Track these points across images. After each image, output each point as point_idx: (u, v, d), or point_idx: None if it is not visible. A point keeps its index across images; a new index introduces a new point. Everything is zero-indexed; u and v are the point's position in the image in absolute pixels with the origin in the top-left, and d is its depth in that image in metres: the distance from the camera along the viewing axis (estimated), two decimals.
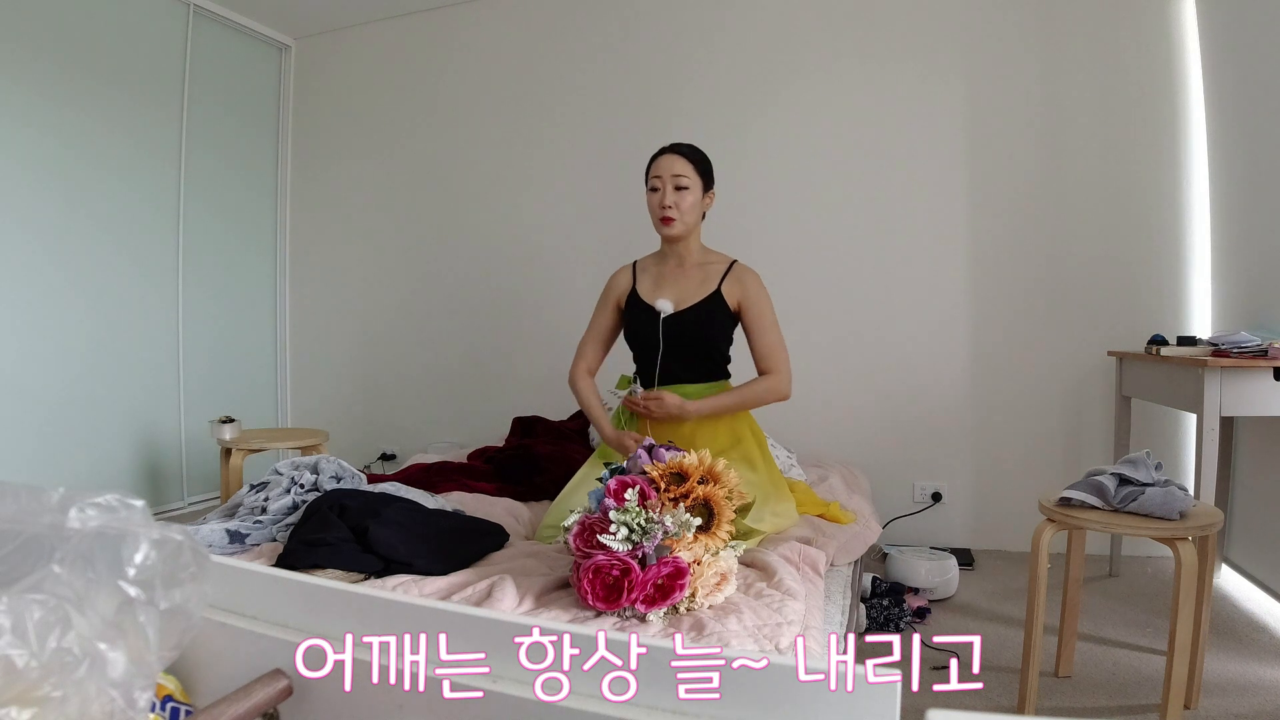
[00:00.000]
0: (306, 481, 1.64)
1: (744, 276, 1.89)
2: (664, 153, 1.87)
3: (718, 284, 1.87)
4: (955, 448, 2.95)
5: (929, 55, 2.95)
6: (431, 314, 3.73)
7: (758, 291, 1.87)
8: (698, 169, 1.86)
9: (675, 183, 1.82)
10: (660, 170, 1.84)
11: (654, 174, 1.86)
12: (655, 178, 1.85)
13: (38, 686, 0.45)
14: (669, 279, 1.91)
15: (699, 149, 1.90)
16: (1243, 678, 1.80)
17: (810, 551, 1.49)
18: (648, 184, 1.88)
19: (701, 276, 1.89)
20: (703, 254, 1.94)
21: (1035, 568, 1.62)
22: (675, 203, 1.82)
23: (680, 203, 1.82)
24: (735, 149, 3.15)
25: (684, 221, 1.84)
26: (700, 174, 1.86)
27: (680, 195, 1.82)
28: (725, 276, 1.88)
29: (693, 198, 1.84)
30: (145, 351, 3.27)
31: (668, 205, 1.82)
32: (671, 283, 1.90)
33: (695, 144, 1.92)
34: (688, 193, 1.83)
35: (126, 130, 3.15)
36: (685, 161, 1.84)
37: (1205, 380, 1.98)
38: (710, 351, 1.87)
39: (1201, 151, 2.70)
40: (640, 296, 1.92)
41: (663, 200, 1.83)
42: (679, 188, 1.82)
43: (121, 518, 0.55)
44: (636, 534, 1.15)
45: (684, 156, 1.85)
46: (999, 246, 2.90)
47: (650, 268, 1.98)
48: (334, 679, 0.61)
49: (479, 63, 3.59)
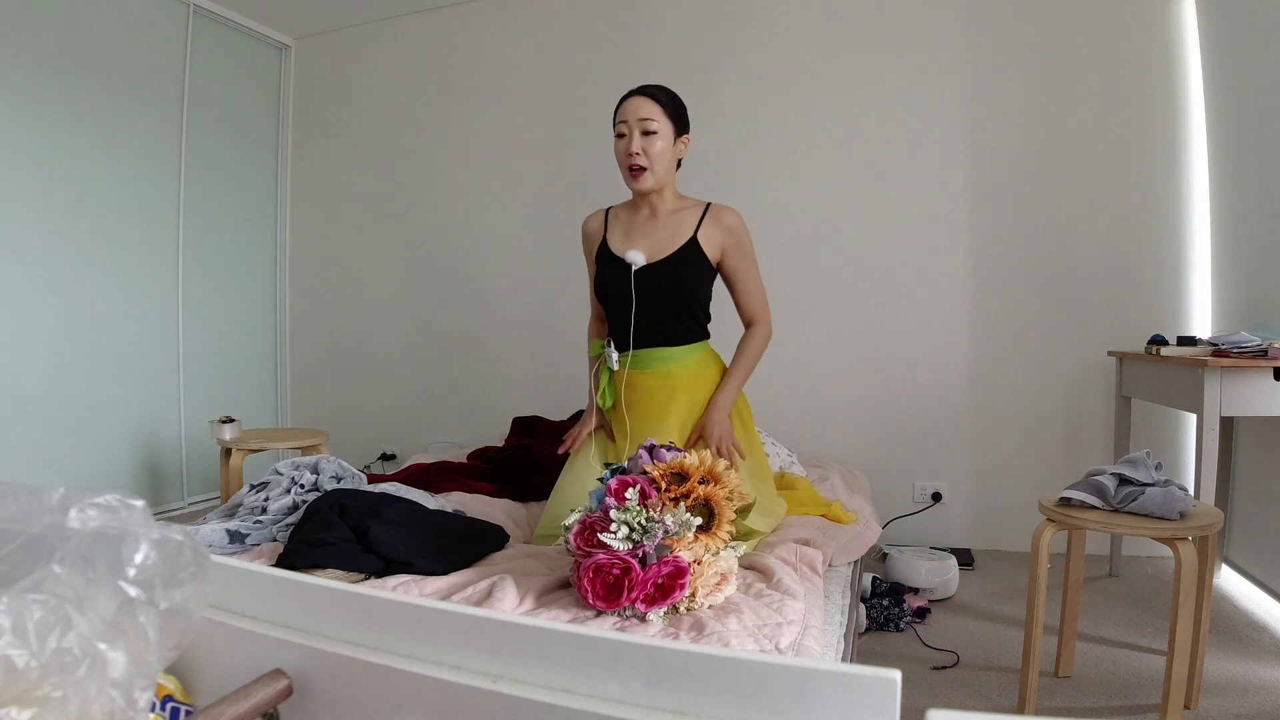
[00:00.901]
0: (307, 482, 1.64)
1: (723, 218, 1.73)
2: (631, 95, 1.70)
3: (694, 230, 1.72)
4: (955, 448, 2.95)
5: (929, 55, 2.95)
6: (432, 314, 3.73)
7: (742, 235, 1.74)
8: (667, 111, 1.69)
9: (643, 127, 1.65)
10: (626, 114, 1.68)
11: (619, 119, 1.69)
12: (621, 123, 1.68)
13: (38, 686, 0.45)
14: (640, 229, 1.76)
15: (669, 89, 1.74)
16: (1243, 678, 1.80)
17: (807, 551, 1.49)
18: (614, 130, 1.71)
19: (675, 224, 1.74)
20: (677, 201, 1.78)
21: (1035, 568, 1.62)
22: (644, 149, 1.65)
23: (649, 149, 1.66)
24: (737, 150, 3.15)
25: (654, 172, 1.68)
26: (670, 116, 1.69)
27: (648, 141, 1.66)
28: (701, 221, 1.73)
29: (663, 143, 1.67)
30: (145, 351, 3.27)
31: (635, 153, 1.65)
32: (643, 233, 1.75)
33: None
34: (656, 138, 1.66)
35: (126, 130, 3.15)
36: (653, 103, 1.67)
37: (1205, 380, 1.98)
38: (688, 306, 1.73)
39: (1201, 151, 2.70)
40: (610, 249, 1.78)
41: (629, 147, 1.66)
42: (647, 132, 1.66)
43: (121, 518, 0.54)
44: (637, 533, 1.15)
45: (652, 98, 1.68)
46: (999, 246, 2.90)
47: (622, 216, 1.83)
48: (334, 679, 0.61)
49: (479, 62, 3.59)
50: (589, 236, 1.87)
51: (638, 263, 1.69)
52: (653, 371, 1.75)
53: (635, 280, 1.70)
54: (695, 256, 1.71)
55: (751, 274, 1.78)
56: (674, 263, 1.71)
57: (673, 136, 1.71)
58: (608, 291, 1.76)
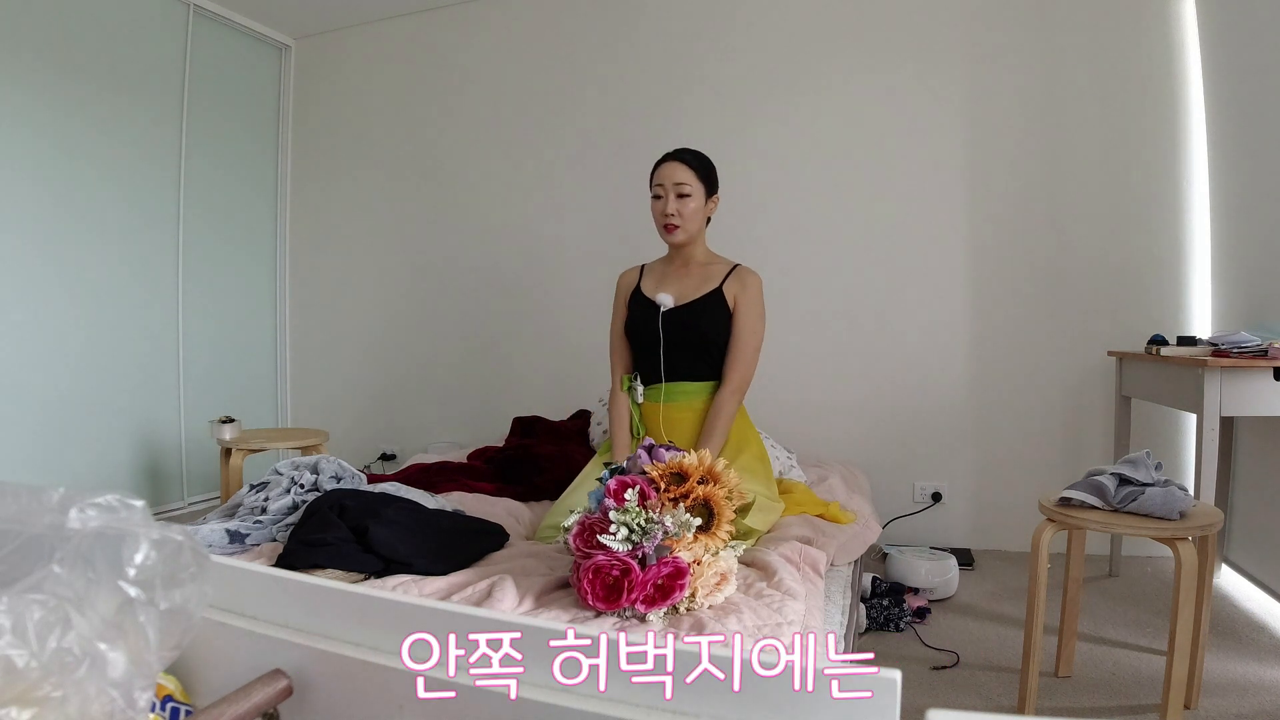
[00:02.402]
0: (306, 482, 1.64)
1: (745, 277, 1.91)
2: (666, 160, 1.88)
3: (720, 283, 1.89)
4: (955, 448, 2.95)
5: (929, 55, 2.95)
6: (431, 314, 3.73)
7: (754, 297, 1.89)
8: (699, 175, 1.87)
9: (678, 190, 1.84)
10: (663, 178, 1.86)
11: (656, 182, 1.87)
12: (658, 185, 1.87)
13: (38, 686, 0.45)
14: (672, 276, 1.95)
15: (702, 154, 1.91)
16: (1243, 678, 1.80)
17: (810, 551, 1.49)
18: (651, 191, 1.89)
19: (704, 275, 1.92)
20: (708, 256, 1.97)
21: (1035, 568, 1.62)
22: (678, 210, 1.84)
23: (683, 210, 1.84)
24: (736, 149, 3.15)
25: (686, 229, 1.87)
26: (702, 180, 1.87)
27: (682, 203, 1.84)
28: (728, 277, 1.90)
29: (695, 204, 1.86)
30: (145, 351, 3.27)
31: (670, 213, 1.84)
32: (675, 281, 1.94)
33: (698, 148, 1.92)
34: (690, 200, 1.85)
35: (126, 130, 3.15)
36: (687, 169, 1.85)
37: (1205, 380, 1.98)
38: (710, 349, 1.88)
39: (1201, 151, 2.70)
40: (643, 292, 1.96)
41: (665, 209, 1.85)
42: (681, 195, 1.84)
43: (121, 518, 0.55)
44: (636, 534, 1.15)
45: (685, 164, 1.86)
46: (999, 246, 2.90)
47: (656, 269, 2.02)
48: (334, 679, 0.61)
49: (479, 62, 3.59)
50: (623, 287, 2.04)
51: (666, 304, 1.87)
52: (678, 405, 1.89)
53: (664, 320, 1.86)
54: (719, 304, 1.88)
55: (749, 336, 1.87)
56: (699, 307, 1.88)
57: (704, 197, 1.89)
58: (638, 329, 1.92)
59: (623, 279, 2.05)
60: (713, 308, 1.87)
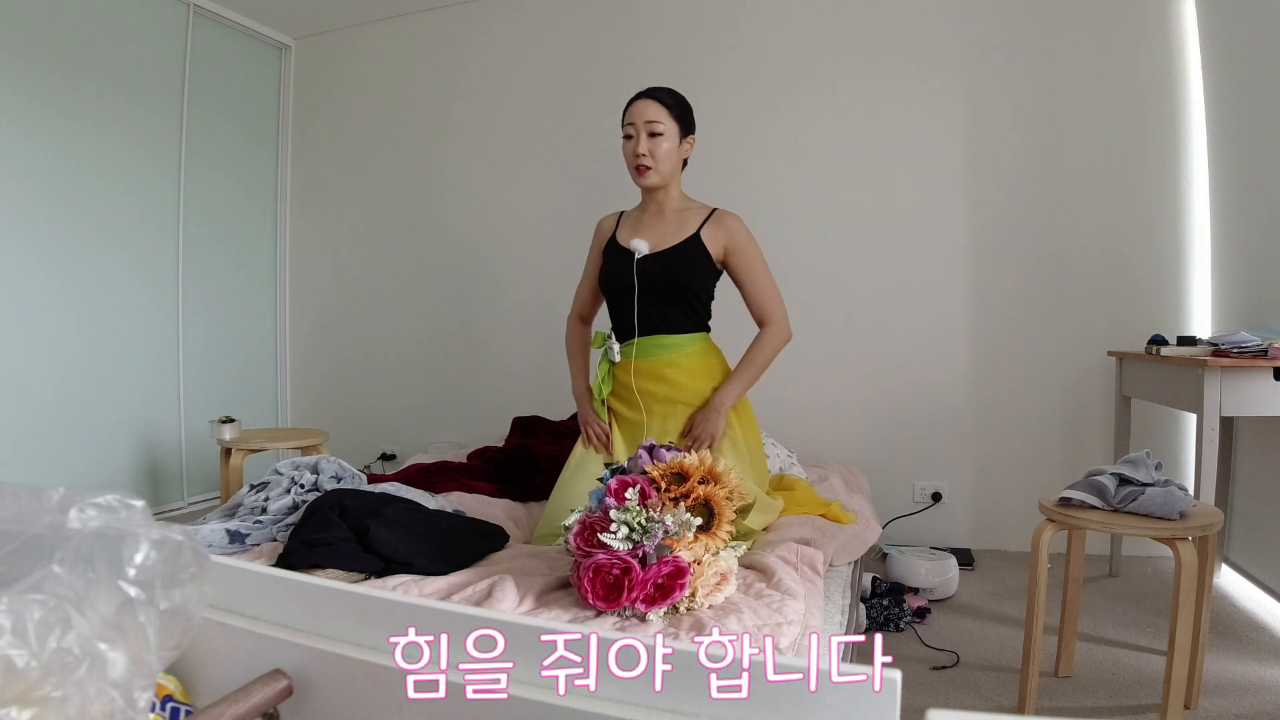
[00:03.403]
0: (307, 481, 1.64)
1: (725, 221, 1.80)
2: (638, 98, 1.79)
3: (697, 228, 1.80)
4: (955, 448, 2.95)
5: (929, 54, 2.95)
6: (431, 314, 3.73)
7: (743, 237, 1.80)
8: (673, 113, 1.77)
9: (650, 129, 1.74)
10: (633, 117, 1.76)
11: (627, 121, 1.77)
12: (629, 125, 1.77)
13: (38, 686, 0.45)
14: (647, 223, 1.85)
15: (676, 92, 1.82)
16: (1243, 678, 1.80)
17: (808, 551, 1.49)
18: (622, 131, 1.79)
19: (680, 221, 1.82)
20: (683, 201, 1.87)
21: (1035, 568, 1.62)
22: (650, 150, 1.74)
23: (655, 150, 1.74)
24: (736, 148, 3.15)
25: (660, 171, 1.76)
26: (676, 118, 1.77)
27: (655, 142, 1.74)
28: (705, 222, 1.81)
29: (668, 144, 1.76)
30: (145, 351, 3.27)
31: (642, 154, 1.74)
32: (649, 226, 1.84)
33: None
34: (662, 139, 1.75)
35: (126, 130, 3.15)
36: (659, 106, 1.76)
37: (1205, 380, 1.98)
38: (687, 297, 1.79)
39: (1201, 151, 2.70)
40: (617, 240, 1.87)
41: (636, 148, 1.75)
42: (653, 134, 1.74)
43: (121, 518, 0.55)
44: (637, 533, 1.15)
45: (658, 101, 1.76)
46: (999, 246, 2.90)
47: (632, 216, 1.92)
48: (334, 679, 0.61)
49: (479, 63, 3.59)
50: (600, 233, 1.96)
51: (641, 250, 1.76)
52: (655, 359, 1.80)
53: (638, 267, 1.76)
54: (697, 250, 1.78)
55: (758, 273, 1.81)
56: (676, 253, 1.78)
57: (678, 137, 1.79)
58: (612, 278, 1.83)
59: (600, 225, 1.96)
60: (690, 255, 1.77)
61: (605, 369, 1.86)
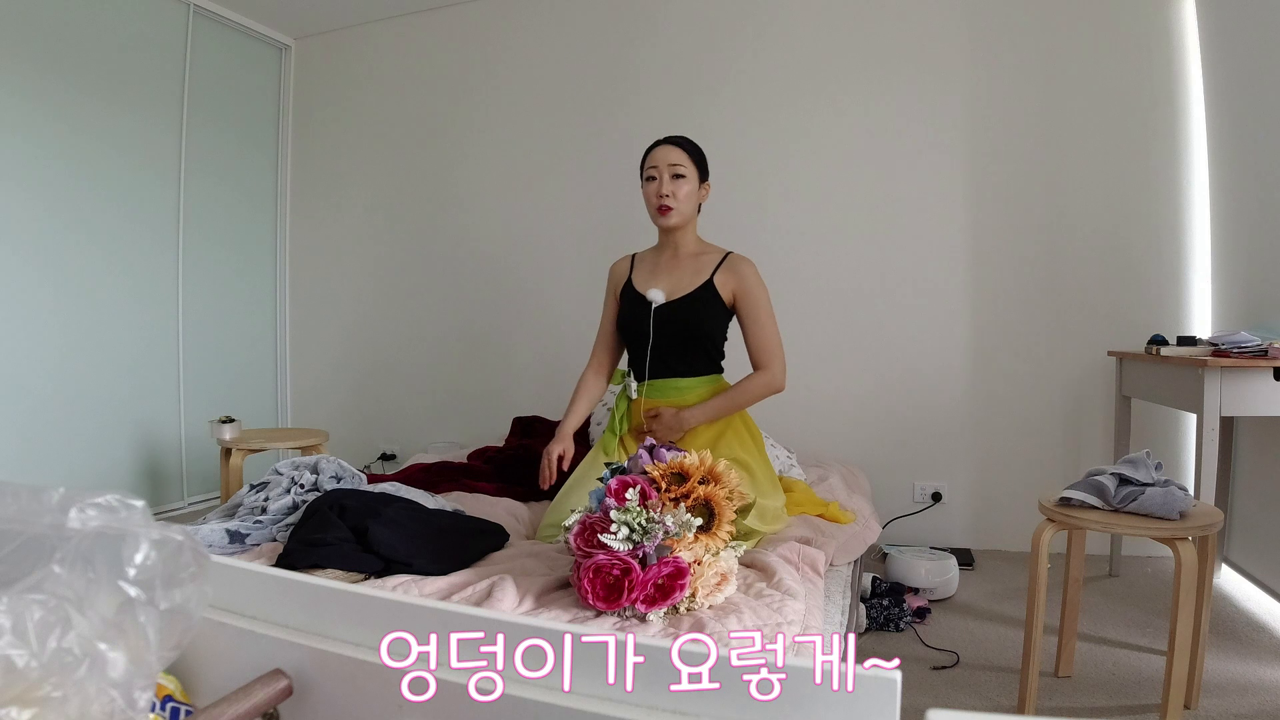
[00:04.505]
0: (307, 482, 1.64)
1: (737, 266, 1.86)
2: (660, 144, 1.87)
3: (710, 274, 1.85)
4: (955, 448, 2.95)
5: (930, 55, 2.95)
6: (432, 314, 3.73)
7: (753, 282, 1.85)
8: (693, 159, 1.86)
9: (672, 171, 1.82)
10: (657, 160, 1.84)
11: (650, 164, 1.85)
12: (652, 168, 1.84)
13: (38, 686, 0.45)
14: (663, 269, 1.91)
15: (694, 141, 1.90)
16: (1243, 678, 1.80)
17: (810, 551, 1.49)
18: (643, 175, 1.87)
19: (695, 267, 1.88)
20: (698, 245, 1.93)
21: (1035, 568, 1.62)
22: (672, 191, 1.81)
23: (677, 192, 1.82)
24: (737, 147, 3.15)
25: (680, 211, 1.84)
26: (696, 164, 1.86)
27: (677, 184, 1.82)
28: (719, 267, 1.86)
29: (689, 187, 1.84)
30: (145, 351, 3.27)
31: (665, 195, 1.81)
32: (666, 273, 1.90)
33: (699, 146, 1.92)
34: (684, 182, 1.83)
35: (125, 131, 3.15)
36: (682, 152, 1.84)
37: (1205, 380, 1.98)
38: (701, 342, 1.85)
39: (1201, 151, 2.70)
40: (634, 286, 1.92)
41: (659, 189, 1.82)
42: (676, 176, 1.82)
43: (121, 518, 0.54)
44: (637, 534, 1.15)
45: (680, 147, 1.85)
46: (999, 246, 2.90)
47: (647, 259, 1.98)
48: (334, 679, 0.61)
49: (479, 62, 3.59)
50: (615, 278, 2.01)
51: (657, 300, 1.84)
52: (667, 400, 1.86)
53: (655, 315, 1.83)
54: (711, 297, 1.84)
55: (763, 320, 1.84)
56: (691, 301, 1.84)
57: (697, 181, 1.87)
58: (629, 325, 1.90)
59: (614, 270, 2.03)
60: (705, 302, 1.84)
61: (624, 406, 1.91)
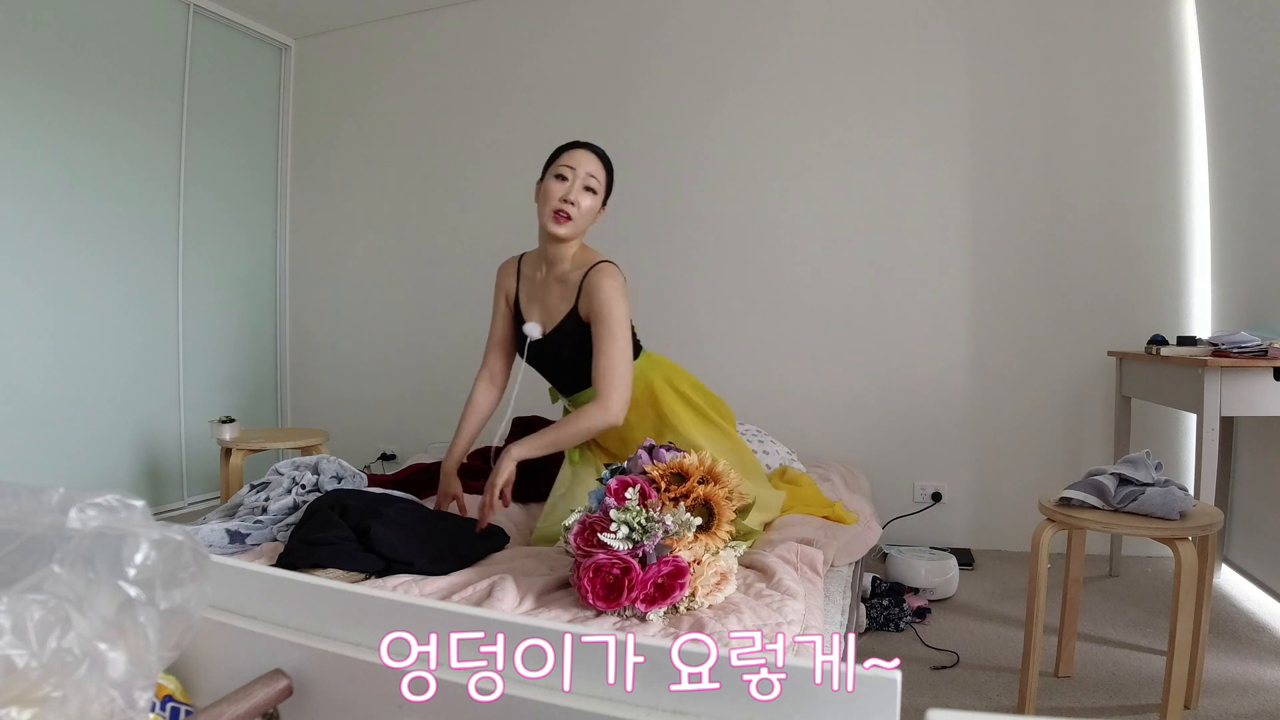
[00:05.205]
0: (308, 482, 1.64)
1: (593, 284, 1.66)
2: (582, 147, 1.71)
3: (575, 299, 1.70)
4: (955, 448, 2.95)
5: (930, 55, 2.95)
6: (431, 314, 3.73)
7: (604, 300, 1.64)
8: (607, 178, 1.73)
9: (586, 182, 1.67)
10: (574, 162, 1.68)
11: (565, 163, 1.68)
12: (566, 167, 1.67)
13: (38, 686, 0.45)
14: (539, 292, 1.78)
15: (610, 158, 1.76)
16: (1243, 678, 1.80)
17: (808, 551, 1.49)
18: (549, 171, 1.69)
19: (564, 291, 1.73)
20: (574, 262, 1.74)
21: (1035, 568, 1.62)
22: (577, 201, 1.66)
23: (581, 202, 1.66)
24: (738, 147, 3.15)
25: (577, 225, 1.68)
26: (607, 184, 1.73)
27: (584, 195, 1.67)
28: (580, 289, 1.69)
29: (593, 203, 1.69)
30: (145, 352, 3.27)
31: (571, 200, 1.64)
32: (541, 298, 1.78)
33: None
34: (594, 198, 1.69)
35: (126, 130, 3.15)
36: (601, 165, 1.70)
37: (1205, 380, 1.98)
38: (577, 369, 1.74)
39: (1201, 151, 2.70)
40: (520, 307, 1.82)
41: (566, 193, 1.65)
42: (588, 187, 1.67)
43: (121, 518, 0.55)
44: (637, 533, 1.15)
45: (601, 160, 1.71)
46: (999, 247, 2.90)
47: (529, 273, 1.83)
48: (334, 679, 0.61)
49: (479, 62, 3.59)
50: (502, 284, 1.90)
51: (534, 335, 1.76)
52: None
53: (534, 349, 1.78)
54: (574, 328, 1.72)
55: (604, 347, 1.63)
56: (558, 333, 1.75)
57: (601, 202, 1.74)
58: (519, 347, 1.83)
59: (502, 274, 1.88)
60: (569, 334, 1.71)
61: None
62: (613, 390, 1.62)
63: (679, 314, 3.23)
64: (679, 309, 3.23)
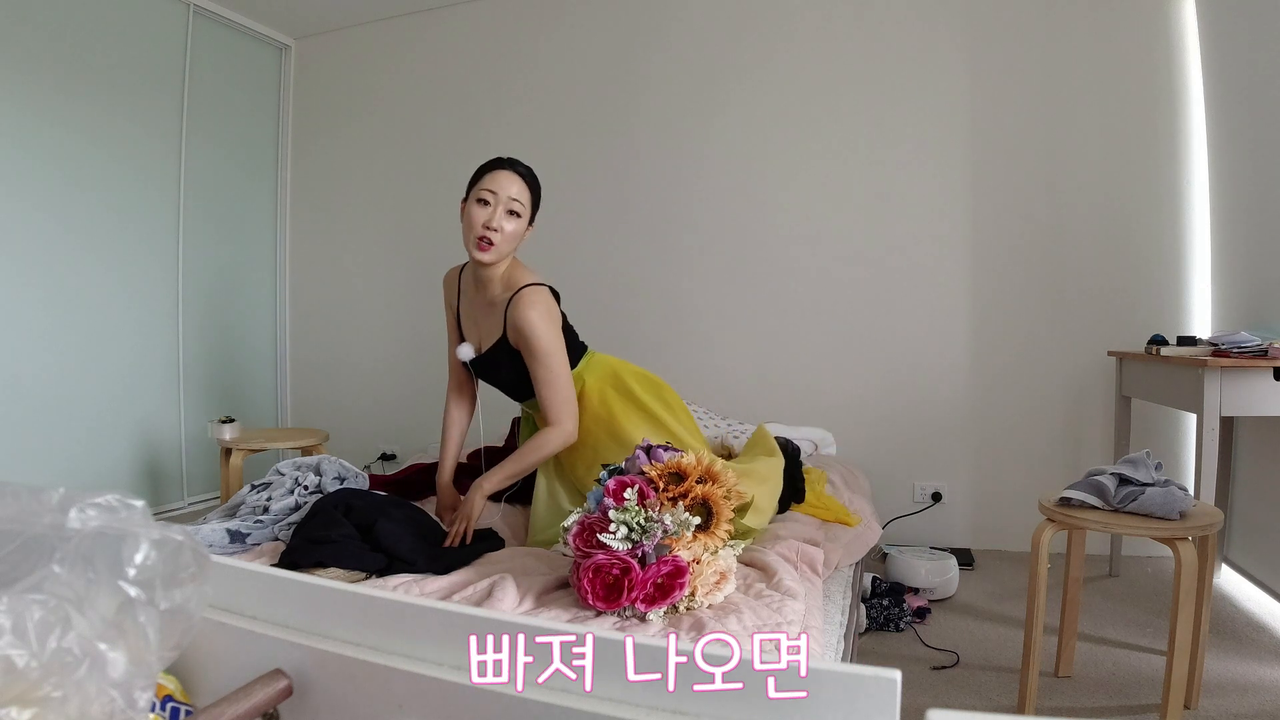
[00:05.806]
0: (310, 483, 1.64)
1: (516, 314, 1.63)
2: (504, 167, 1.65)
3: (504, 325, 1.68)
4: (955, 448, 2.95)
5: (931, 54, 2.95)
6: (431, 314, 3.72)
7: (530, 331, 1.61)
8: (533, 197, 1.68)
9: (509, 206, 1.61)
10: (496, 185, 1.62)
11: (487, 187, 1.63)
12: (489, 191, 1.62)
13: (38, 686, 0.45)
14: (476, 312, 1.78)
15: (535, 175, 1.71)
16: (1243, 678, 1.80)
17: (809, 551, 1.49)
18: (471, 194, 1.66)
19: (494, 315, 1.71)
20: (503, 284, 1.71)
21: (1035, 568, 1.62)
22: (500, 227, 1.61)
23: (505, 227, 1.61)
24: (737, 146, 3.15)
25: (500, 251, 1.63)
26: (533, 204, 1.68)
27: (508, 220, 1.62)
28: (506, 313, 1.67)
29: (517, 227, 1.64)
30: (145, 352, 3.27)
31: (493, 227, 1.60)
32: (475, 318, 1.77)
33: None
34: (518, 221, 1.64)
35: (126, 130, 3.15)
36: (524, 187, 1.65)
37: (1205, 380, 1.98)
38: (518, 386, 1.73)
39: (1201, 151, 2.70)
40: (461, 324, 1.82)
41: (489, 220, 1.60)
42: (511, 211, 1.62)
43: (121, 518, 0.55)
44: (636, 533, 1.15)
45: (524, 180, 1.65)
46: (999, 246, 2.90)
47: (468, 290, 1.81)
48: (334, 679, 0.61)
49: (479, 62, 3.59)
50: (448, 295, 1.89)
51: (466, 356, 1.75)
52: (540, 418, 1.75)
53: (476, 366, 1.78)
54: (504, 352, 1.71)
55: (540, 376, 1.62)
56: (493, 354, 1.73)
57: (527, 223, 1.69)
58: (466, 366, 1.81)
59: (447, 285, 1.88)
60: (501, 358, 1.70)
61: (531, 428, 1.85)
62: (562, 415, 1.64)
63: (679, 314, 3.23)
64: (679, 309, 3.23)
